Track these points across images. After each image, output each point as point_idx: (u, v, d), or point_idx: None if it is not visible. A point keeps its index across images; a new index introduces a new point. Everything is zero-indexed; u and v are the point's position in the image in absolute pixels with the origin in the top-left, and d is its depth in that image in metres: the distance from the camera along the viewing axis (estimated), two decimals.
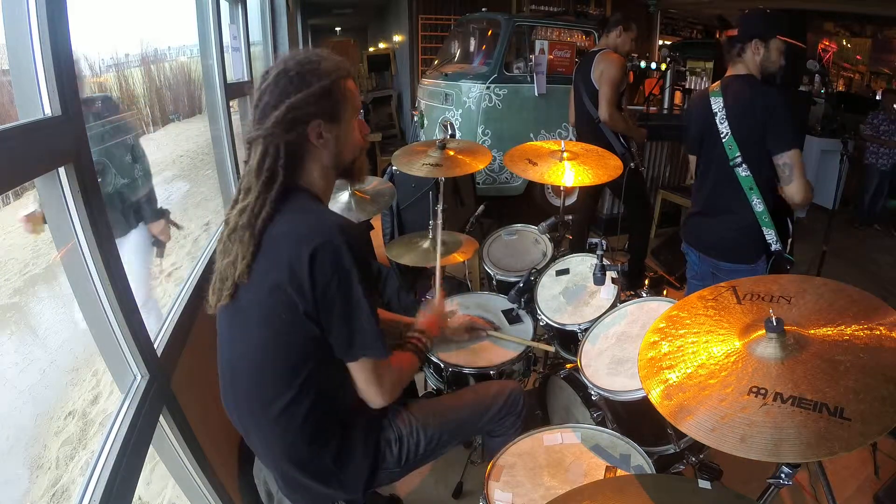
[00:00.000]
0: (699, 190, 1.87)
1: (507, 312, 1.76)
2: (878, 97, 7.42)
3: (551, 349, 1.69)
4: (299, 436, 1.02)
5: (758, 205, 1.64)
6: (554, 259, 1.96)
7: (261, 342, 0.99)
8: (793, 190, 1.57)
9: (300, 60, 0.98)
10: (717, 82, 1.73)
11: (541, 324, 1.71)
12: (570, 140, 2.19)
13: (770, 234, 1.66)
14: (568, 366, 1.62)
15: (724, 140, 1.65)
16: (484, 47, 4.25)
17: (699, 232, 1.87)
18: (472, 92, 3.89)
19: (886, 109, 4.61)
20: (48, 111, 0.84)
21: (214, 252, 1.05)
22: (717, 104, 1.67)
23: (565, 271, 1.84)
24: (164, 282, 3.62)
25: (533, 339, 1.64)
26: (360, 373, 1.03)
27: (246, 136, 1.00)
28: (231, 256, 0.98)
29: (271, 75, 0.97)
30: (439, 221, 1.87)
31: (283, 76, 0.97)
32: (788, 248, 1.70)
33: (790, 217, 1.71)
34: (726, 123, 1.64)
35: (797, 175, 1.55)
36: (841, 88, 8.73)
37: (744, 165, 1.63)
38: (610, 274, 1.58)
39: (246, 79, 2.51)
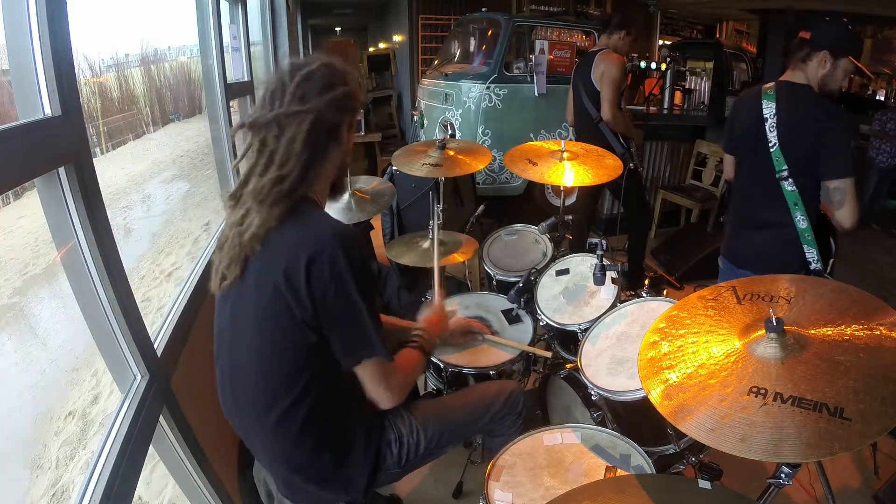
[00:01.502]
0: (739, 198, 1.76)
1: (506, 312, 1.76)
2: (878, 97, 7.43)
3: (548, 354, 1.68)
4: (299, 441, 1.02)
5: (801, 221, 1.54)
6: (554, 259, 1.96)
7: (259, 348, 0.98)
8: (844, 215, 1.49)
9: (339, 63, 1.01)
10: (772, 84, 1.60)
11: (541, 324, 1.71)
12: (570, 140, 2.19)
13: (811, 253, 1.56)
14: (568, 366, 1.61)
15: (771, 149, 1.54)
16: (484, 47, 4.25)
17: (739, 244, 1.76)
18: (472, 92, 3.89)
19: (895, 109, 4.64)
20: (48, 111, 0.84)
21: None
22: (768, 109, 1.55)
23: (565, 271, 1.84)
24: (164, 282, 3.62)
25: (531, 342, 1.63)
26: (366, 376, 1.02)
27: (272, 113, 0.95)
28: (248, 220, 0.95)
29: (314, 64, 0.97)
30: (438, 221, 1.87)
31: (329, 68, 0.98)
32: (829, 268, 1.60)
33: (833, 237, 1.61)
34: (776, 132, 1.53)
35: (849, 201, 1.47)
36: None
37: (790, 179, 1.53)
38: (610, 274, 1.58)
39: (246, 79, 2.51)
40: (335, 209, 1.96)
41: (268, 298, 0.94)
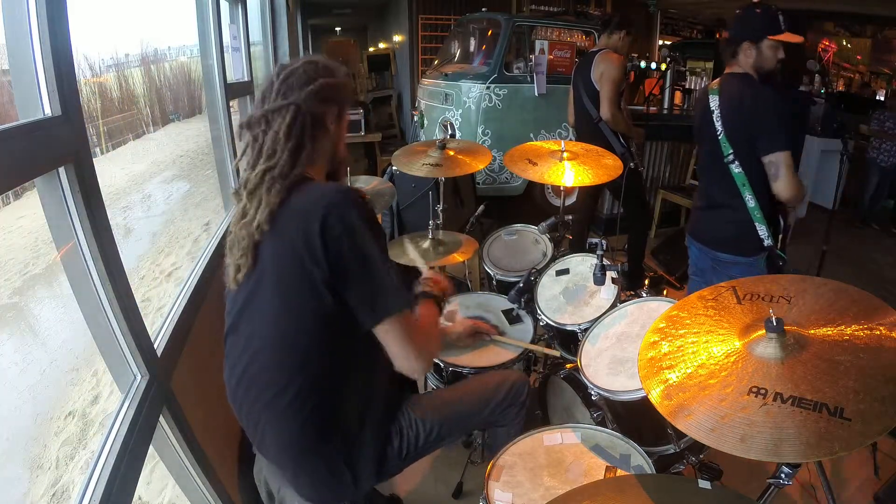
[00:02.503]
0: (700, 183, 1.95)
1: (507, 312, 1.76)
2: (878, 97, 7.44)
3: (556, 353, 1.69)
4: (311, 424, 1.03)
5: (750, 200, 1.67)
6: (554, 259, 1.96)
7: (275, 328, 1.00)
8: (779, 188, 1.60)
9: (323, 59, 1.08)
10: (718, 80, 1.77)
11: (541, 324, 1.71)
12: (570, 140, 2.19)
13: (762, 230, 1.68)
14: (568, 366, 1.62)
15: (718, 137, 1.69)
16: (484, 47, 4.25)
17: (700, 224, 1.91)
18: (472, 92, 3.89)
19: (894, 109, 4.63)
20: (48, 111, 0.84)
21: (221, 245, 1.07)
22: (713, 101, 1.71)
23: (565, 271, 1.84)
24: (164, 282, 3.62)
25: (534, 341, 1.64)
26: (390, 338, 1.01)
27: (261, 110, 1.03)
28: (251, 213, 1.00)
29: (298, 63, 1.05)
30: (439, 221, 1.86)
31: (311, 64, 1.05)
32: (780, 245, 1.73)
33: (783, 214, 1.74)
34: (720, 121, 1.68)
35: (783, 174, 1.58)
36: (841, 88, 8.73)
37: (736, 162, 1.66)
38: (610, 274, 1.58)
39: (246, 79, 2.51)
40: None
41: (285, 268, 0.97)
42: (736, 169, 1.66)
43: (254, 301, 1.03)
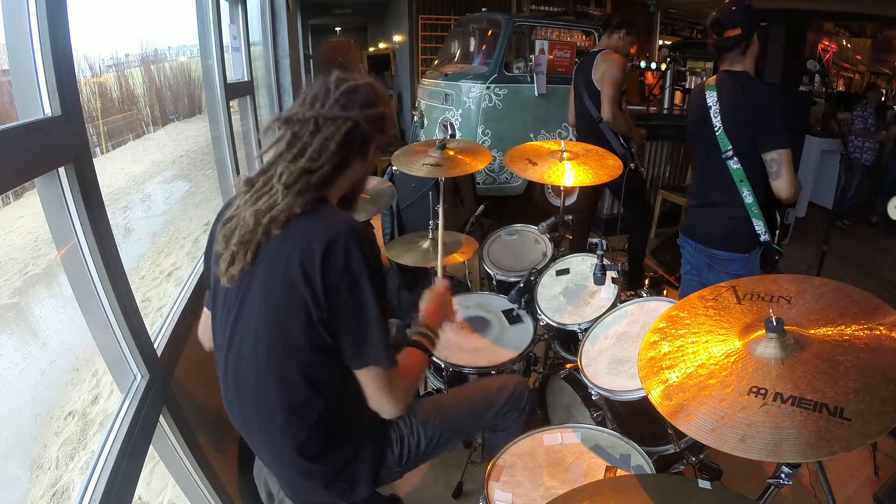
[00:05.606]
0: (694, 181, 1.93)
1: (507, 312, 1.76)
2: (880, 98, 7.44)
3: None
4: (309, 440, 1.01)
5: (747, 196, 1.68)
6: (554, 259, 1.96)
7: (271, 347, 0.96)
8: (780, 185, 1.61)
9: (380, 86, 1.07)
10: (714, 77, 1.77)
11: (541, 324, 1.71)
12: (570, 140, 2.19)
13: (759, 226, 1.69)
14: (568, 366, 1.62)
15: (717, 133, 1.69)
16: (484, 47, 4.25)
17: (695, 222, 1.90)
18: (472, 92, 3.89)
19: (869, 103, 4.64)
20: (48, 111, 0.84)
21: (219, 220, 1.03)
22: (711, 98, 1.71)
23: (565, 271, 1.84)
24: (164, 282, 3.63)
25: (534, 341, 1.64)
26: (368, 382, 1.00)
27: (312, 112, 0.98)
28: (266, 203, 0.95)
29: (359, 81, 1.02)
30: (440, 218, 1.86)
31: (371, 88, 1.03)
32: (776, 239, 1.74)
33: (779, 210, 1.75)
34: (719, 118, 1.69)
35: (785, 172, 1.59)
36: (841, 88, 8.73)
37: (735, 158, 1.66)
38: (610, 274, 1.58)
39: (246, 79, 2.51)
40: None
41: (283, 295, 0.92)
42: (734, 165, 1.67)
43: (245, 313, 0.99)
